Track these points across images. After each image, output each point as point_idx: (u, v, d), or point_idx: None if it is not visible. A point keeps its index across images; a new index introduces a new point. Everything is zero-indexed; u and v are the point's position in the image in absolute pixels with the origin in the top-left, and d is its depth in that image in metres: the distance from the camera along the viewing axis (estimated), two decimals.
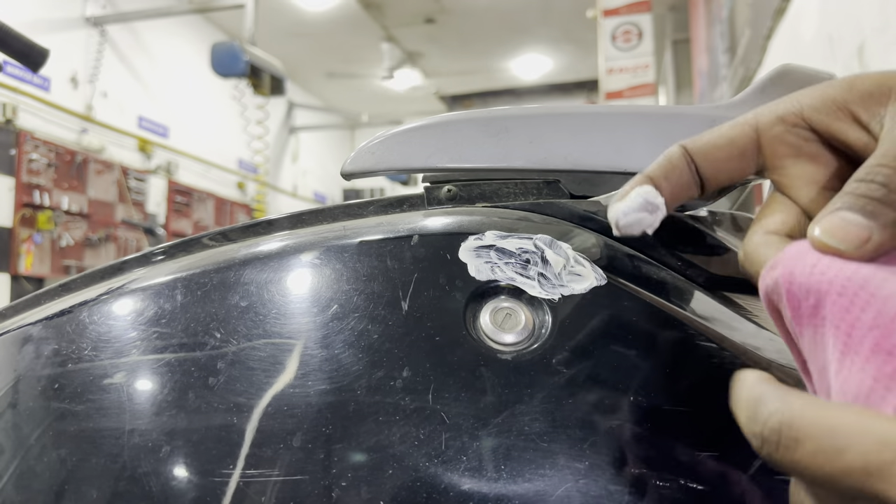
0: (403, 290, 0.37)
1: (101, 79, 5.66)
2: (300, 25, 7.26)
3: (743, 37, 3.54)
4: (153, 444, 0.35)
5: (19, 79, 4.90)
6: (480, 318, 0.37)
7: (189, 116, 6.87)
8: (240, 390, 0.36)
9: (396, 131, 0.39)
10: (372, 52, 7.89)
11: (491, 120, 0.38)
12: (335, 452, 0.34)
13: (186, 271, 0.41)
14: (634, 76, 5.11)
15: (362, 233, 0.40)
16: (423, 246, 0.38)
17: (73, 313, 0.41)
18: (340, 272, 0.38)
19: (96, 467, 0.36)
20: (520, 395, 0.34)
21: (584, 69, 8.51)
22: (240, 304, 0.38)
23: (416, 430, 0.34)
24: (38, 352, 0.41)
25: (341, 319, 0.37)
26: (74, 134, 5.45)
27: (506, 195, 0.45)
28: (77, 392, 0.38)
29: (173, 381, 0.37)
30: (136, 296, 0.41)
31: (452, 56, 8.22)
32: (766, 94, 0.40)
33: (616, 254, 0.39)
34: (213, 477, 0.34)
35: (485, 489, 0.32)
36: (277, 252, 0.40)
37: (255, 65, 5.40)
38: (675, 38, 6.41)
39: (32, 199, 4.97)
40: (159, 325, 0.39)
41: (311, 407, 0.35)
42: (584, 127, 0.39)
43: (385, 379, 0.35)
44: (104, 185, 5.65)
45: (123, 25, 5.94)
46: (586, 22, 6.05)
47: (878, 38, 1.72)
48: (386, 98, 9.34)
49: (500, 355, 0.35)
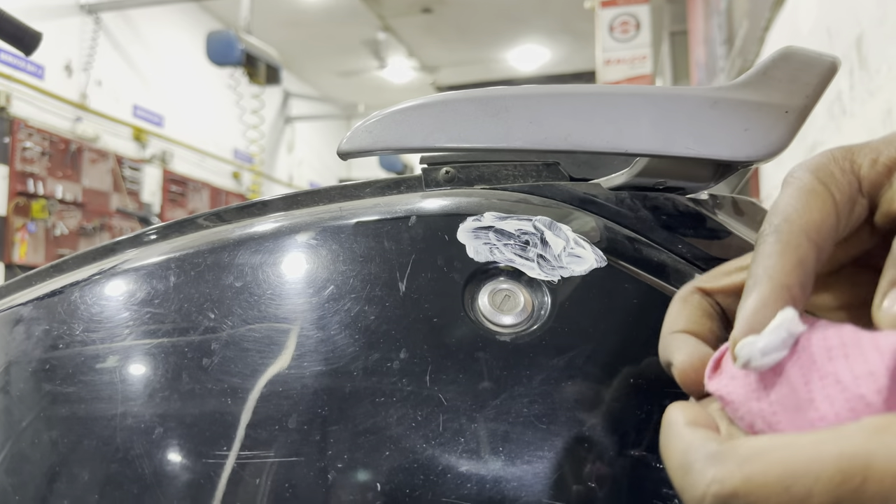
0: (401, 271, 0.37)
1: (96, 67, 5.62)
2: (296, 14, 7.22)
3: (741, 28, 3.53)
4: (146, 426, 0.35)
5: (13, 66, 4.86)
6: (479, 299, 0.36)
7: (184, 105, 6.84)
8: (234, 372, 0.35)
9: (394, 110, 0.38)
10: (368, 42, 7.86)
11: (491, 99, 0.37)
12: (331, 434, 0.33)
13: (180, 251, 0.40)
14: (632, 67, 5.10)
15: (359, 213, 0.40)
16: (420, 227, 0.38)
17: (64, 294, 0.41)
18: (337, 253, 0.38)
19: (89, 450, 0.35)
20: (518, 377, 0.34)
21: (581, 60, 8.48)
22: (234, 285, 0.38)
23: (413, 412, 0.33)
24: (28, 332, 0.40)
25: (337, 301, 0.36)
26: (69, 122, 5.42)
27: (505, 177, 0.44)
28: (69, 374, 0.37)
29: (167, 363, 0.36)
30: (129, 276, 0.40)
31: (449, 46, 8.19)
32: (768, 75, 0.40)
33: (616, 236, 0.39)
34: (208, 459, 0.34)
35: (482, 471, 0.32)
36: (273, 233, 0.40)
37: (251, 53, 5.38)
38: (673, 29, 6.40)
39: (26, 187, 4.95)
40: (152, 305, 0.38)
41: (306, 388, 0.34)
42: (585, 107, 0.38)
43: (382, 361, 0.34)
44: (99, 174, 5.62)
45: (118, 13, 5.90)
46: (584, 12, 6.03)
47: (877, 30, 1.72)
48: (382, 88, 9.30)
49: (499, 337, 0.35)
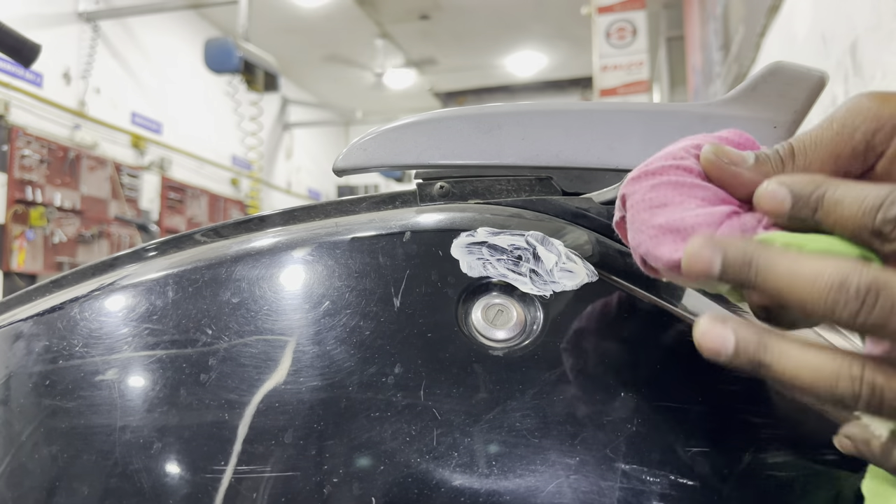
0: (395, 286, 0.37)
1: (94, 75, 5.63)
2: (294, 21, 7.23)
3: (737, 34, 3.55)
4: (145, 440, 0.35)
5: (11, 74, 4.87)
6: (472, 314, 0.37)
7: (182, 113, 6.84)
8: (231, 387, 0.36)
9: (388, 128, 0.39)
10: (366, 48, 7.87)
11: (483, 116, 0.38)
12: (327, 449, 0.34)
13: (178, 268, 0.41)
14: (629, 73, 5.11)
15: (354, 229, 0.40)
16: (415, 242, 0.38)
17: (64, 309, 0.41)
18: (332, 269, 0.38)
19: (88, 464, 0.36)
20: (511, 391, 0.34)
21: (578, 66, 8.50)
22: (231, 301, 0.38)
23: (407, 427, 0.34)
24: (29, 348, 0.40)
25: (333, 316, 0.37)
26: (67, 130, 5.43)
27: (498, 192, 0.45)
28: (69, 389, 0.38)
29: (165, 378, 0.37)
30: (128, 292, 0.40)
31: (447, 53, 8.21)
32: (757, 91, 0.40)
33: (608, 250, 0.40)
34: (205, 473, 0.34)
35: (476, 485, 0.33)
36: (269, 248, 0.40)
37: (249, 61, 5.39)
38: (670, 35, 6.41)
39: (25, 195, 4.95)
40: (151, 321, 0.39)
41: (302, 403, 0.35)
42: (577, 124, 0.39)
43: (377, 375, 0.35)
44: (97, 182, 5.62)
45: (116, 21, 5.91)
46: (581, 19, 6.05)
47: (871, 36, 1.73)
48: (380, 94, 9.31)
49: (492, 351, 0.35)
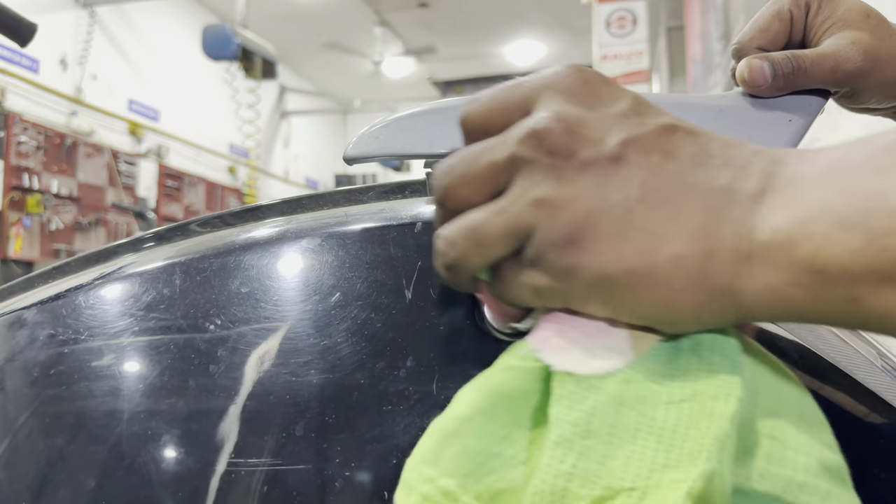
0: (407, 278, 0.37)
1: (91, 61, 5.59)
2: (292, 8, 7.19)
3: (737, 24, 3.53)
4: (152, 431, 0.35)
5: (8, 60, 4.84)
6: (486, 306, 0.36)
7: (180, 100, 6.81)
8: (240, 378, 0.35)
9: (400, 116, 0.38)
10: (365, 36, 7.83)
11: None
12: (338, 442, 0.33)
13: (185, 256, 0.40)
14: (628, 63, 5.09)
15: (365, 219, 0.40)
16: (426, 233, 0.38)
17: (68, 297, 0.41)
18: (343, 259, 0.38)
19: (92, 454, 0.35)
20: None
21: (578, 55, 8.47)
22: (240, 290, 0.38)
23: (420, 421, 0.33)
24: (32, 336, 0.40)
25: (344, 307, 0.36)
26: (64, 116, 5.40)
27: None
28: (74, 378, 0.37)
29: (172, 368, 0.36)
30: (134, 280, 0.40)
31: (446, 41, 8.17)
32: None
33: None
34: (214, 465, 0.34)
35: None
36: (278, 237, 0.40)
37: (247, 48, 5.36)
38: (670, 24, 6.38)
39: (21, 182, 4.93)
40: (158, 310, 0.38)
41: (313, 396, 0.34)
42: None
43: (389, 368, 0.34)
44: (94, 169, 5.60)
45: (113, 7, 5.86)
46: (581, 8, 6.02)
47: None
48: (378, 83, 9.27)
49: (506, 345, 0.35)
